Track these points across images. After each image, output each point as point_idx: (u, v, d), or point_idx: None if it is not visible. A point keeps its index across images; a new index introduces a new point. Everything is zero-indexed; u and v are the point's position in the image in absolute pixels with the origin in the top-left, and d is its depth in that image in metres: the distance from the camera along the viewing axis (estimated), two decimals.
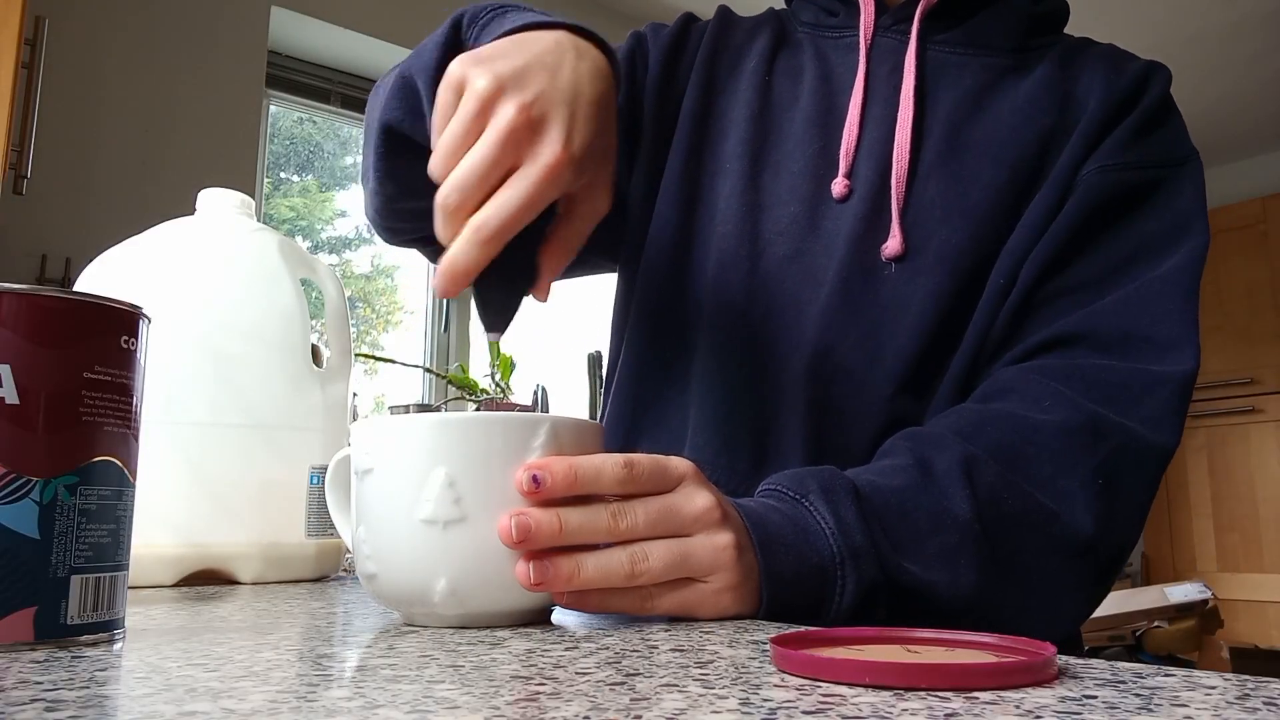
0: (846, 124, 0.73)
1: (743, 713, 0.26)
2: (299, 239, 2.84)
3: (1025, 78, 0.73)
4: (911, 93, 0.72)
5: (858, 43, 0.75)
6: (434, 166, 0.51)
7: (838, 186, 0.71)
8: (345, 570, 0.86)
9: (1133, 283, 0.67)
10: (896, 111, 0.72)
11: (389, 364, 2.50)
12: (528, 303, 0.56)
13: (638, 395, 0.76)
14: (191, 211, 0.81)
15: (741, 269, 0.72)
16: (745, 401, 0.70)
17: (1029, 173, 0.70)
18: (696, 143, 0.78)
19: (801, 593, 0.50)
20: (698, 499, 0.47)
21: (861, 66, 0.74)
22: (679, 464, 0.48)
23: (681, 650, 0.37)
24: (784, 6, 0.85)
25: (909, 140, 0.70)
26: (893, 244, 0.69)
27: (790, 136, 0.75)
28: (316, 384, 0.78)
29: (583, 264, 0.82)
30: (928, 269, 0.68)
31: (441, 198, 0.49)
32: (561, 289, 0.62)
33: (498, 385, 2.26)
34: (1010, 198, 0.69)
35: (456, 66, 0.52)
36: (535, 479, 0.44)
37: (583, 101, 0.52)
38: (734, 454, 0.69)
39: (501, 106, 0.49)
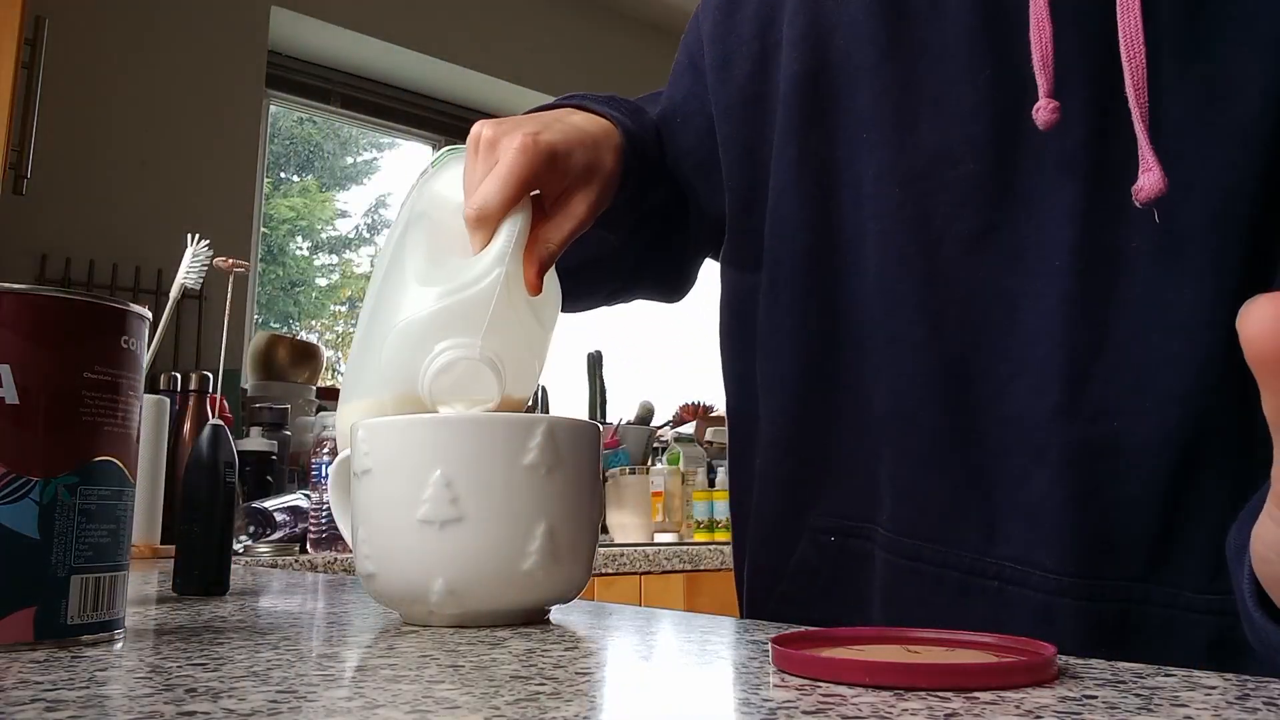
0: (1033, 21, 0.48)
1: (743, 713, 0.26)
2: (299, 239, 2.84)
3: None
4: None
5: None
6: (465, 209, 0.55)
7: (1043, 112, 0.47)
8: (345, 571, 0.86)
9: None
10: None
11: None
12: None
13: (800, 450, 0.59)
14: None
15: (915, 268, 0.53)
16: (958, 456, 0.51)
17: None
18: (811, 115, 0.58)
19: None
20: None
21: None
22: None
23: (681, 650, 0.37)
24: None
25: (1139, 28, 0.45)
26: (1149, 180, 0.45)
27: (945, 63, 0.52)
28: None
29: (635, 286, 0.77)
30: (1202, 230, 0.46)
31: (466, 215, 0.54)
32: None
33: None
34: None
35: (473, 129, 0.57)
36: None
37: (561, 124, 0.58)
38: (953, 528, 0.51)
39: (501, 144, 0.55)
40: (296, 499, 1.55)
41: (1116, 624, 0.47)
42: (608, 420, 2.52)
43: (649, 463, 2.40)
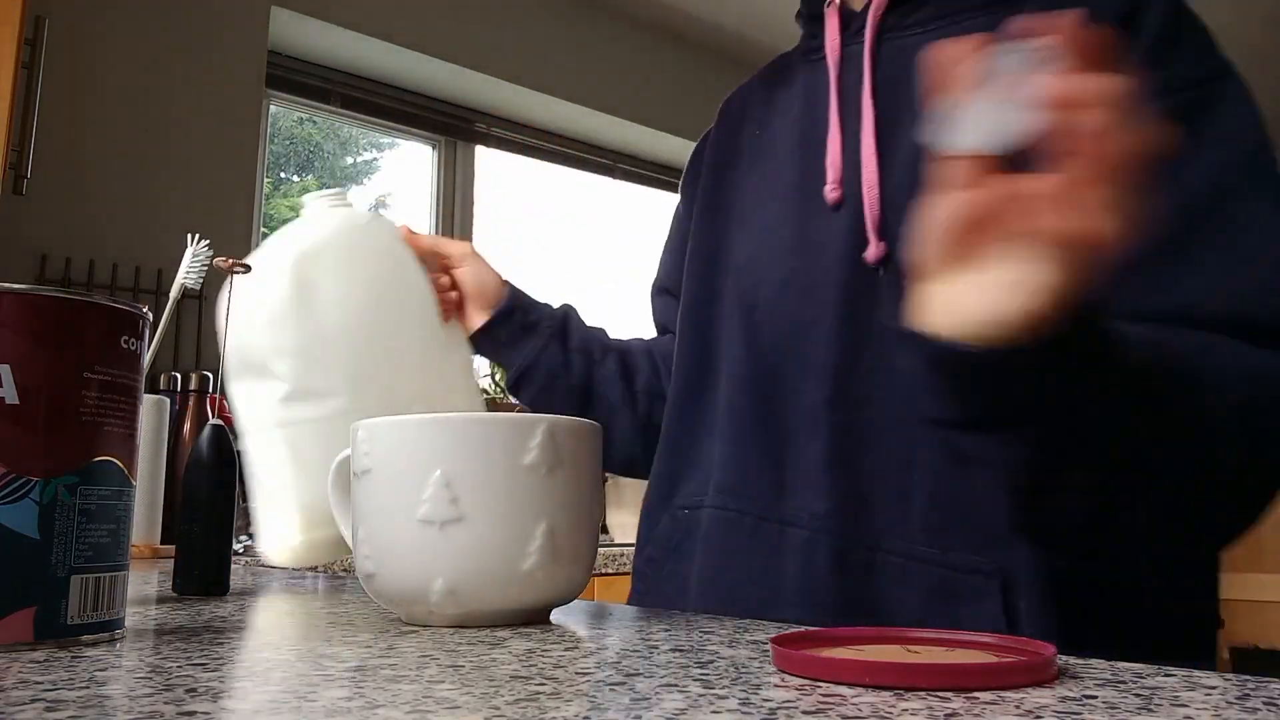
0: (829, 138, 0.72)
1: (743, 713, 0.26)
2: None
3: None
4: (870, 93, 0.70)
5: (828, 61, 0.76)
6: None
7: (830, 192, 0.70)
8: (345, 570, 0.86)
9: (1217, 233, 0.56)
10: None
11: None
12: None
13: (675, 453, 0.79)
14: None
15: (746, 309, 0.74)
16: (762, 431, 0.70)
17: None
18: (705, 207, 0.84)
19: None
20: None
21: (833, 83, 0.74)
22: None
23: (681, 650, 0.37)
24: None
25: (874, 143, 0.68)
26: (871, 249, 0.66)
27: (777, 165, 0.77)
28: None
29: None
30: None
31: None
32: (557, 287, 0.64)
33: (497, 385, 2.26)
34: None
35: None
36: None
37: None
38: (753, 483, 0.69)
39: None
40: None
41: (863, 563, 0.62)
42: None
43: None
